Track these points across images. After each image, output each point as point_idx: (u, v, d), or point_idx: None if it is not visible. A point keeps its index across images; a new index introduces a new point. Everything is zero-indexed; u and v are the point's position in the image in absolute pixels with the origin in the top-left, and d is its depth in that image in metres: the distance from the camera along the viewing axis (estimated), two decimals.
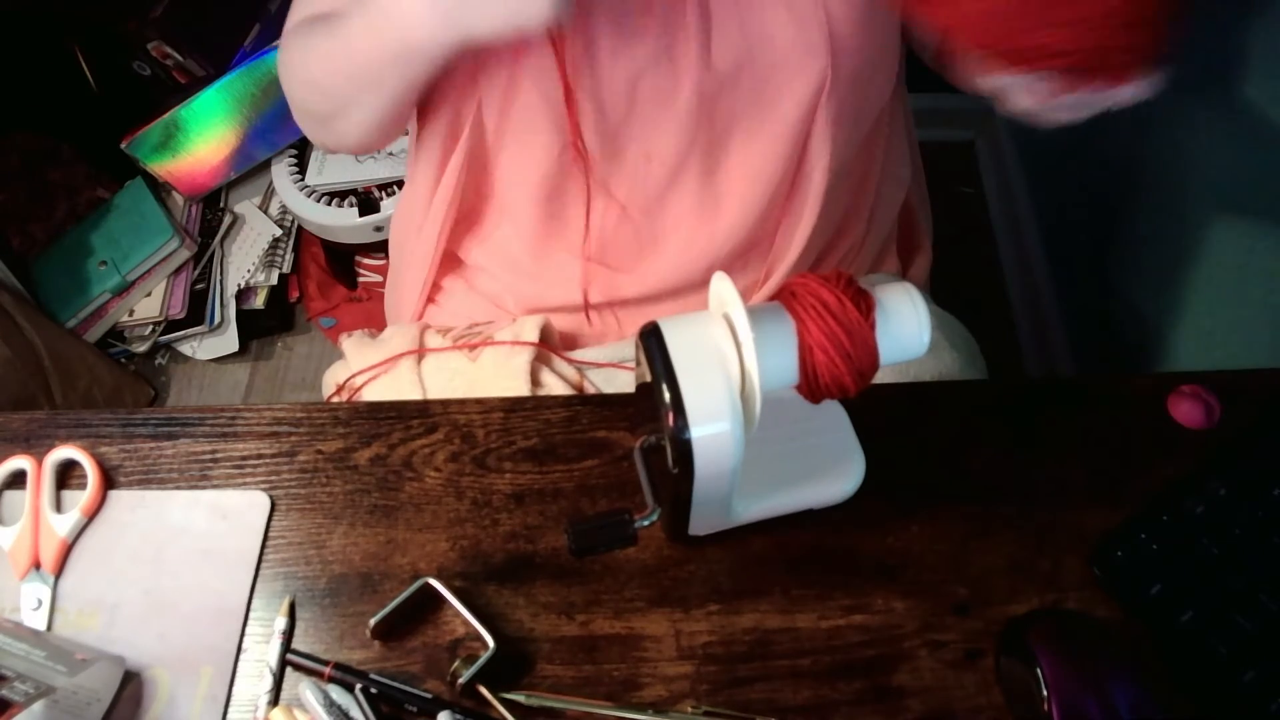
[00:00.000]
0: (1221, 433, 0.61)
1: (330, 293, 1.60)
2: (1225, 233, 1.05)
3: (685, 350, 0.46)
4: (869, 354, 0.46)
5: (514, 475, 0.61)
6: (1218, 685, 0.52)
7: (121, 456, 0.61)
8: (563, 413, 0.63)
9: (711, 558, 0.57)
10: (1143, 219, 1.22)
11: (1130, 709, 0.48)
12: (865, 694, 0.53)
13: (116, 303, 1.51)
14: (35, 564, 0.57)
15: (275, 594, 0.56)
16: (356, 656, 0.54)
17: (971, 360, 0.79)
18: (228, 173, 1.55)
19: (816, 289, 0.46)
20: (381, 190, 1.45)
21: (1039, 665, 0.49)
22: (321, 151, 1.50)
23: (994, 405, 0.64)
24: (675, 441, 0.45)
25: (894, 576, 0.57)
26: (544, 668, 0.54)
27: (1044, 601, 0.56)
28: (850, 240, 0.81)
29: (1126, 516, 0.58)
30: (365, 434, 0.62)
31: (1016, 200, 1.62)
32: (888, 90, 0.73)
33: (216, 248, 1.57)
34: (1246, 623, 0.53)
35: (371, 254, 1.57)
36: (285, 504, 0.59)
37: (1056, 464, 0.61)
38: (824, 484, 0.56)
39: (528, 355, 0.73)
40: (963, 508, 0.59)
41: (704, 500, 0.50)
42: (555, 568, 0.57)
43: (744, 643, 0.54)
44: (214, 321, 1.52)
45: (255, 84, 1.44)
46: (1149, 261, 1.20)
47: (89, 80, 1.51)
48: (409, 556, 0.57)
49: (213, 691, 0.53)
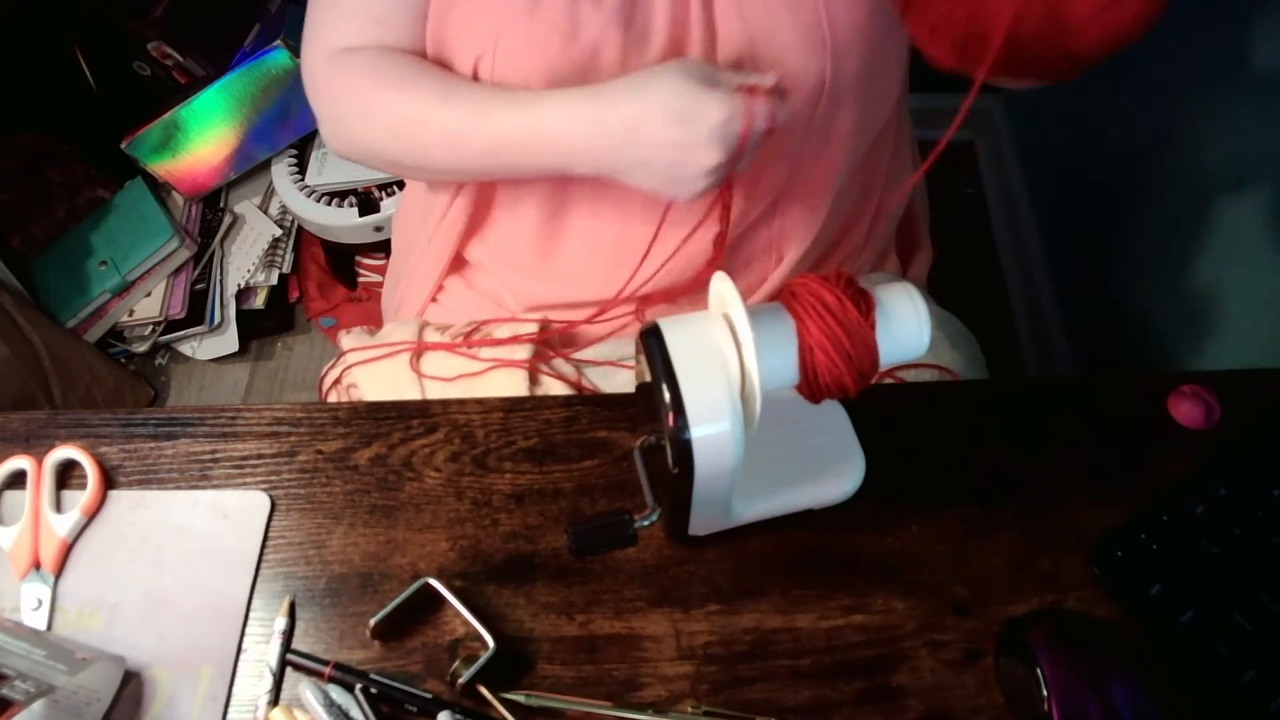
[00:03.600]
0: (1221, 433, 0.61)
1: (330, 293, 1.60)
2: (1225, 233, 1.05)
3: (685, 350, 0.46)
4: (869, 354, 0.46)
5: (514, 475, 0.61)
6: (1218, 685, 0.52)
7: (121, 456, 0.61)
8: (563, 413, 0.63)
9: (711, 558, 0.57)
10: (1143, 219, 1.22)
11: (1130, 709, 0.48)
12: (865, 694, 0.53)
13: (116, 303, 1.51)
14: (35, 564, 0.57)
15: (275, 594, 0.56)
16: (356, 656, 0.54)
17: (972, 359, 0.79)
18: (228, 173, 1.55)
19: (816, 289, 0.46)
20: (381, 190, 1.45)
21: (1039, 665, 0.49)
22: (321, 151, 1.50)
23: (994, 405, 0.64)
24: (675, 441, 0.45)
25: (894, 576, 0.57)
26: (544, 668, 0.54)
27: (1044, 601, 0.56)
28: (853, 241, 0.81)
29: (1126, 516, 0.58)
30: (365, 434, 0.62)
31: (1016, 200, 1.62)
32: (893, 96, 0.73)
33: (216, 248, 1.56)
34: (1246, 623, 0.53)
35: (371, 254, 1.57)
36: (285, 504, 0.59)
37: (1056, 464, 0.61)
38: (824, 484, 0.56)
39: (526, 353, 0.73)
40: (963, 508, 0.59)
41: (704, 500, 0.50)
42: (555, 568, 0.57)
43: (744, 643, 0.54)
44: (214, 321, 1.52)
45: (255, 84, 1.44)
46: (1149, 261, 1.20)
47: (89, 80, 1.51)
48: (409, 556, 0.57)
49: (213, 691, 0.53)
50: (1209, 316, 1.08)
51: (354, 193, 1.45)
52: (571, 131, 0.59)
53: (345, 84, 0.66)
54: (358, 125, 0.67)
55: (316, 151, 1.51)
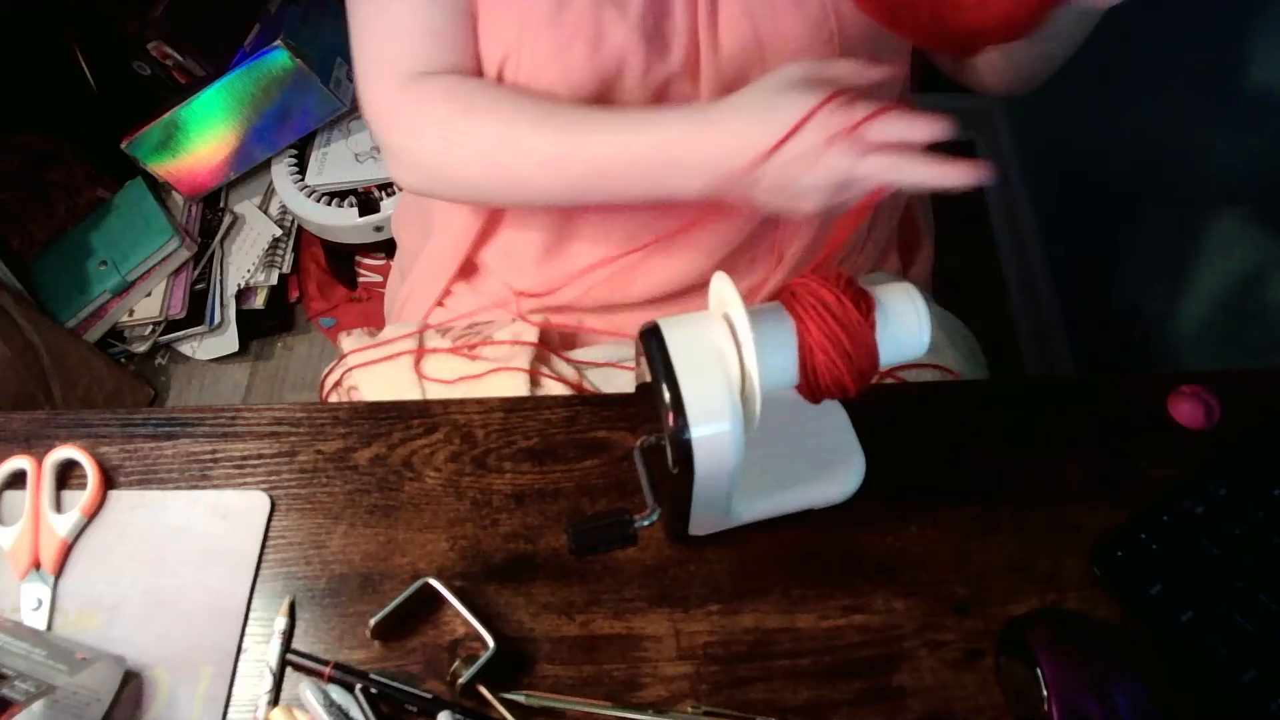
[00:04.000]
0: (1221, 433, 0.61)
1: (330, 293, 1.60)
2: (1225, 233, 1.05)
3: (685, 350, 0.46)
4: (869, 354, 0.46)
5: (514, 475, 0.61)
6: (1218, 685, 0.52)
7: (121, 456, 0.61)
8: (563, 413, 0.63)
9: (711, 558, 0.57)
10: (1143, 219, 1.22)
11: (1130, 709, 0.48)
12: (865, 694, 0.53)
13: (116, 303, 1.51)
14: (35, 564, 0.57)
15: (275, 594, 0.56)
16: (356, 656, 0.54)
17: (972, 359, 0.79)
18: (228, 173, 1.55)
19: (816, 289, 0.46)
20: (381, 190, 1.45)
21: (1039, 665, 0.49)
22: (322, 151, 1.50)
23: (994, 405, 0.64)
24: (675, 441, 0.45)
25: (894, 576, 0.57)
26: (544, 668, 0.54)
27: (1044, 601, 0.56)
28: (853, 239, 0.81)
29: (1126, 516, 0.58)
30: (365, 434, 0.62)
31: (1016, 200, 1.62)
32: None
33: (216, 248, 1.56)
34: (1246, 623, 0.53)
35: (371, 254, 1.57)
36: (285, 504, 0.59)
37: (1056, 464, 0.61)
38: (824, 484, 0.56)
39: (527, 354, 0.73)
40: (963, 508, 0.59)
41: (704, 500, 0.50)
42: (555, 568, 0.57)
43: (744, 643, 0.54)
44: (214, 321, 1.52)
45: (255, 84, 1.44)
46: (1149, 261, 1.20)
47: (89, 80, 1.51)
48: (409, 556, 0.57)
49: (213, 691, 0.53)
50: (1209, 316, 1.08)
51: (354, 193, 1.46)
52: (690, 149, 0.57)
53: (425, 112, 0.63)
54: (443, 156, 0.63)
55: (316, 151, 1.51)
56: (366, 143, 1.48)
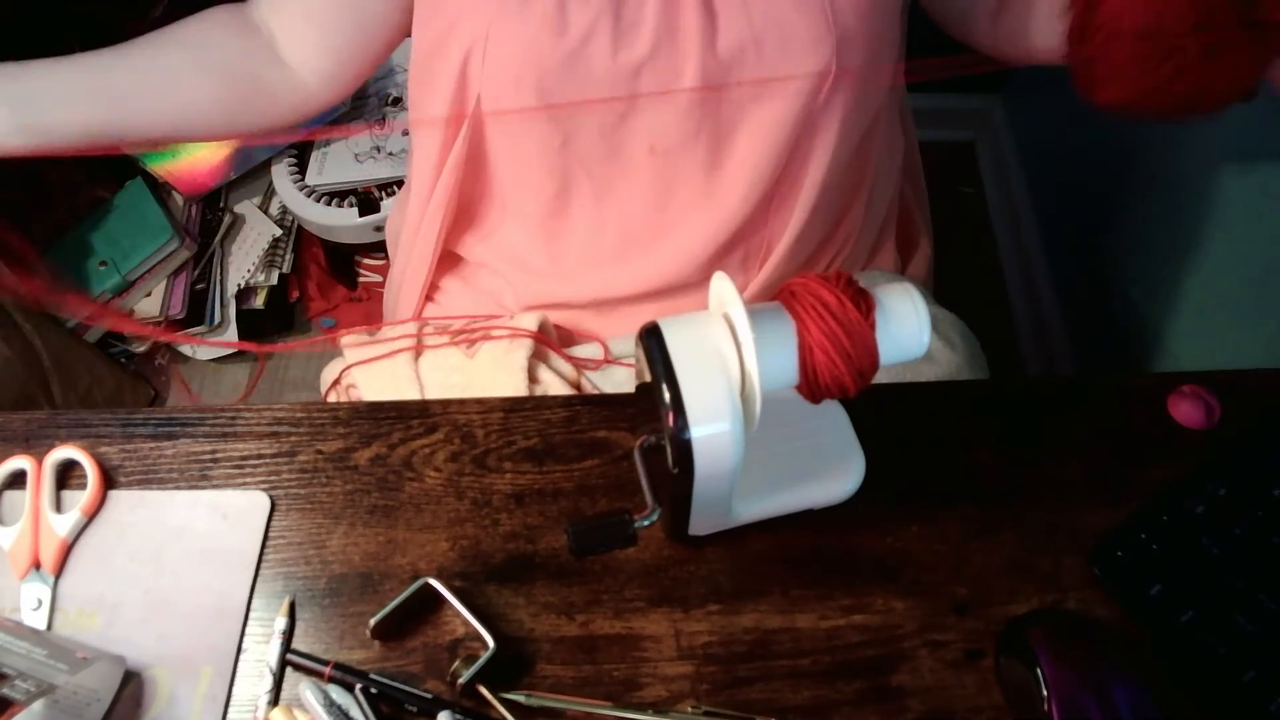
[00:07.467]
0: (1221, 433, 0.61)
1: (330, 293, 1.60)
2: (1225, 233, 1.05)
3: (685, 350, 0.46)
4: (869, 354, 0.46)
5: (514, 475, 0.61)
6: (1218, 685, 0.52)
7: (121, 456, 0.61)
8: (563, 413, 0.63)
9: (711, 558, 0.57)
10: (1143, 219, 1.22)
11: (1130, 709, 0.48)
12: (865, 694, 0.53)
13: (116, 303, 1.51)
14: (35, 564, 0.57)
15: (275, 594, 0.56)
16: (356, 656, 0.54)
17: (972, 358, 0.79)
18: (228, 173, 1.55)
19: (816, 289, 0.46)
20: (381, 190, 1.45)
21: (1039, 665, 0.49)
22: (322, 152, 1.50)
23: (994, 405, 0.64)
24: (675, 441, 0.45)
25: (894, 576, 0.57)
26: (544, 668, 0.54)
27: (1044, 601, 0.56)
28: (845, 232, 0.81)
29: (1126, 516, 0.58)
30: (365, 434, 0.62)
31: (1016, 200, 1.62)
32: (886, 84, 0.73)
33: (216, 248, 1.56)
34: (1246, 623, 0.53)
35: (371, 254, 1.57)
36: (285, 504, 0.59)
37: (1056, 464, 0.61)
38: (824, 484, 0.56)
39: (525, 351, 0.73)
40: (963, 508, 0.59)
41: (704, 500, 0.50)
42: (555, 568, 0.57)
43: (744, 643, 0.54)
44: (214, 321, 1.52)
45: None
46: (1149, 261, 1.20)
47: None
48: (409, 556, 0.57)
49: (213, 691, 0.53)
50: (1209, 316, 1.08)
51: (354, 193, 1.45)
52: None
53: None
54: None
55: (316, 151, 1.51)
56: (366, 143, 1.48)
